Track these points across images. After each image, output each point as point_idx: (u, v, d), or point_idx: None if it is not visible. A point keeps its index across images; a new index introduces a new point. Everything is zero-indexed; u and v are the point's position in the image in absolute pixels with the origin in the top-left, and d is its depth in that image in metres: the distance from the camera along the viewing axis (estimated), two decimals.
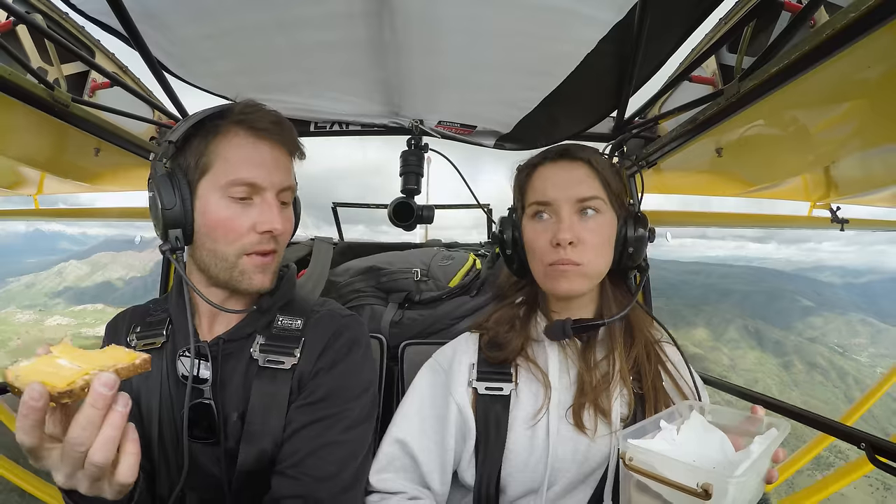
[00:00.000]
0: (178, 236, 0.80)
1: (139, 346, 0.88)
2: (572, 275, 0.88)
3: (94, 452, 0.50)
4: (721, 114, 1.12)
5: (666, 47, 1.06)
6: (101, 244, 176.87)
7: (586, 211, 0.89)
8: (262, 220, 0.81)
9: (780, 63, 0.90)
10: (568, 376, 0.91)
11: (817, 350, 70.05)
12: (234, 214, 0.80)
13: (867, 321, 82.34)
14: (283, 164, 0.86)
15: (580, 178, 0.91)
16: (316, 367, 0.86)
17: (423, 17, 0.99)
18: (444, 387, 0.93)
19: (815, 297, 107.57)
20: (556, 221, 0.89)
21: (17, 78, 0.98)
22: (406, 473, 0.89)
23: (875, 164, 1.29)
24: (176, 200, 0.79)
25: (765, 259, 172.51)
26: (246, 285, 0.83)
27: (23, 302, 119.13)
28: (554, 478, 0.85)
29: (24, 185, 1.89)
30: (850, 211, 1.94)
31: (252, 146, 0.82)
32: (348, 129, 1.64)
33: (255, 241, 0.82)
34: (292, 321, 0.90)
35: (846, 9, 0.75)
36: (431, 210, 1.53)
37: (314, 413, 0.83)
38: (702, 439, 0.71)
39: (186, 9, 1.00)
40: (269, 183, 0.82)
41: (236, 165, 0.80)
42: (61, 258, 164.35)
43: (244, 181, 0.80)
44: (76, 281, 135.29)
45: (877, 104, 0.93)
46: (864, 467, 1.32)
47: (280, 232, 0.83)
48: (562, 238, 0.86)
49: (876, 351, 72.87)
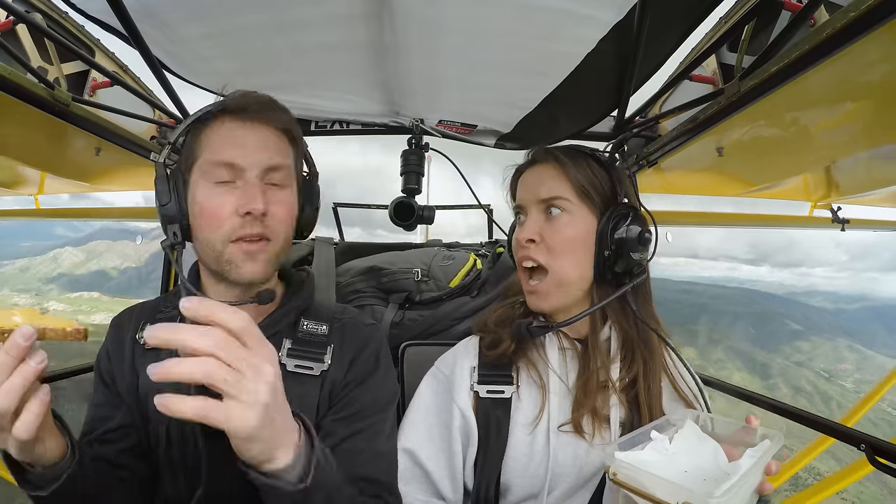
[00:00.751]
0: (176, 231, 0.80)
1: (148, 345, 0.87)
2: (540, 285, 0.90)
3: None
4: (721, 113, 1.12)
5: (666, 47, 1.06)
6: (97, 232, 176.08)
7: (550, 210, 0.90)
8: (242, 201, 0.77)
9: (780, 62, 0.90)
10: (567, 382, 0.91)
11: (803, 374, 70.18)
12: (216, 199, 0.78)
13: (854, 347, 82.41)
14: (270, 144, 0.82)
15: (544, 178, 0.92)
16: (347, 380, 0.85)
17: (423, 18, 0.99)
18: (448, 393, 0.93)
19: (804, 321, 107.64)
20: (530, 224, 0.92)
21: (17, 77, 0.99)
22: (418, 484, 0.89)
23: (876, 164, 1.29)
24: (170, 195, 0.79)
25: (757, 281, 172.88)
26: (235, 275, 0.80)
27: (16, 286, 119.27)
28: (554, 483, 0.85)
29: (25, 184, 1.90)
30: (850, 211, 1.94)
31: (237, 129, 0.80)
32: (349, 128, 1.64)
33: (238, 226, 0.78)
34: (317, 326, 0.89)
35: (846, 8, 0.75)
36: (432, 210, 1.53)
37: (352, 426, 0.82)
38: (695, 449, 0.70)
39: (187, 8, 1.00)
40: (248, 163, 0.79)
41: (217, 149, 0.79)
42: (56, 244, 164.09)
43: (222, 162, 0.78)
44: (71, 268, 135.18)
45: (878, 103, 0.92)
46: (864, 468, 1.32)
47: (262, 213, 0.78)
48: (520, 237, 0.92)
49: (861, 377, 72.99)
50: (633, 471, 0.65)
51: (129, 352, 0.87)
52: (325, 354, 0.85)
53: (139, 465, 0.82)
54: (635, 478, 0.64)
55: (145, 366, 0.84)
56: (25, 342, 0.51)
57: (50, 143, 1.32)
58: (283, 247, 0.84)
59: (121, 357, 0.87)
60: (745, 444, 0.71)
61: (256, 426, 0.49)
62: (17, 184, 1.87)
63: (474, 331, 1.03)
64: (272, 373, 0.52)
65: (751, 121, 1.12)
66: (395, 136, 1.64)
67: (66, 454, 0.63)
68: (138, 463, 0.82)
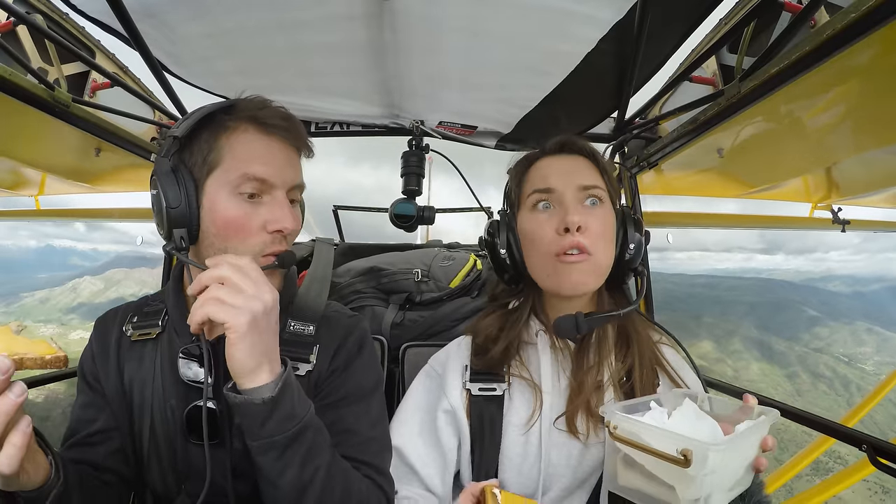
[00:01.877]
0: (183, 236, 0.76)
1: (135, 336, 0.86)
2: (583, 266, 0.84)
3: None
4: (722, 114, 1.12)
5: (666, 47, 1.06)
6: (113, 260, 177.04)
7: (590, 199, 0.87)
8: (273, 218, 0.78)
9: (780, 63, 0.90)
10: (560, 381, 0.90)
11: (822, 360, 70.00)
12: (245, 213, 0.77)
13: (873, 330, 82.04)
14: (293, 162, 0.83)
15: (580, 167, 0.90)
16: (331, 368, 0.86)
17: (423, 18, 0.99)
18: (439, 390, 0.93)
19: (821, 307, 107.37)
20: (561, 209, 0.86)
21: (17, 78, 0.99)
22: (406, 479, 0.89)
23: (876, 165, 1.29)
24: (181, 198, 0.75)
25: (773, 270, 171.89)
26: None
27: (38, 317, 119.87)
28: (548, 483, 0.84)
29: (26, 185, 1.90)
30: (851, 212, 1.94)
31: (263, 142, 0.79)
32: (349, 129, 1.64)
33: (268, 242, 0.78)
34: (304, 326, 0.89)
35: (846, 9, 0.75)
36: (432, 210, 1.53)
37: (338, 411, 0.83)
38: (692, 426, 0.70)
39: (187, 9, 1.00)
40: (280, 180, 0.79)
41: (247, 161, 0.77)
42: (74, 274, 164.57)
43: (255, 177, 0.77)
44: (90, 297, 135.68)
45: (877, 104, 0.92)
46: (865, 469, 1.31)
47: (290, 231, 0.81)
48: (570, 221, 0.82)
49: (881, 359, 72.68)
50: (632, 424, 0.65)
51: (115, 348, 0.87)
52: (311, 354, 0.86)
53: (123, 468, 0.82)
54: (635, 431, 0.65)
55: (131, 358, 0.85)
56: (3, 375, 0.51)
57: (50, 143, 1.32)
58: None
59: (105, 357, 0.86)
60: (742, 421, 0.72)
61: (246, 331, 0.63)
62: (18, 184, 1.87)
63: (465, 334, 1.01)
64: (268, 297, 0.66)
65: (751, 122, 1.12)
66: (399, 141, 1.63)
67: (51, 475, 0.62)
68: (122, 466, 0.82)
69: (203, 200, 0.77)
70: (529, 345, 0.94)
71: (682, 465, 0.59)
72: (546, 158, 0.93)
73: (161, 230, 0.79)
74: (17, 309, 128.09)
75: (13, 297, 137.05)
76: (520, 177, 0.95)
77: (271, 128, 0.80)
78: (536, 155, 0.95)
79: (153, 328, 0.87)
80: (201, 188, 0.77)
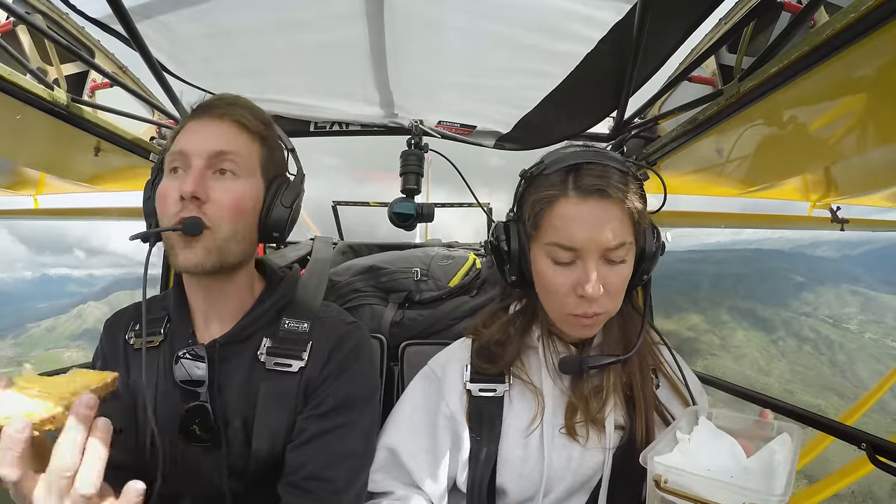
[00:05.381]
0: (153, 223, 0.83)
1: (137, 345, 0.88)
2: (594, 325, 0.83)
3: (82, 483, 0.49)
4: (721, 114, 1.12)
5: (665, 47, 1.06)
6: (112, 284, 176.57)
7: (614, 259, 0.79)
8: (182, 185, 0.77)
9: (779, 63, 0.90)
10: (561, 384, 0.90)
11: (807, 323, 70.52)
12: (165, 188, 0.80)
13: (858, 291, 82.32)
14: (221, 133, 0.81)
15: (611, 222, 0.78)
16: (322, 375, 0.85)
17: (422, 18, 0.99)
18: (438, 393, 0.93)
19: (808, 272, 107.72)
20: (581, 269, 0.78)
21: (16, 78, 0.99)
22: (399, 477, 0.89)
23: (875, 164, 1.29)
24: (149, 192, 0.85)
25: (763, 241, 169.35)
26: (173, 262, 0.79)
27: (47, 345, 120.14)
28: (549, 486, 0.85)
29: (25, 185, 1.89)
30: (850, 211, 1.94)
31: (196, 124, 0.83)
32: (348, 128, 1.64)
33: (176, 211, 0.77)
34: (299, 324, 0.89)
35: (846, 9, 0.75)
36: (431, 208, 1.53)
37: (324, 423, 0.82)
38: (712, 446, 0.69)
39: (186, 9, 1.00)
40: (194, 149, 0.78)
41: (176, 142, 0.82)
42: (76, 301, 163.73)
43: (174, 151, 0.80)
44: (96, 322, 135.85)
45: (876, 104, 0.92)
46: (865, 467, 1.32)
47: (191, 194, 0.75)
48: (589, 294, 0.76)
49: (865, 318, 72.99)
50: (685, 477, 0.60)
51: (122, 350, 0.89)
52: (304, 351, 0.86)
53: (136, 468, 0.82)
54: (687, 485, 0.60)
55: (136, 365, 0.87)
56: (91, 411, 0.51)
57: (49, 143, 1.32)
58: (227, 237, 0.79)
59: (116, 358, 0.88)
60: (760, 438, 0.71)
61: None
62: (17, 184, 1.87)
63: (465, 335, 1.01)
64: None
65: (750, 122, 1.12)
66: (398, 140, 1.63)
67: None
68: (135, 466, 0.82)
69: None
70: (530, 348, 0.94)
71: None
72: (573, 202, 0.78)
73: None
74: (26, 339, 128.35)
75: (20, 329, 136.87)
76: (539, 211, 0.81)
77: (204, 110, 0.84)
78: (561, 191, 0.79)
79: (155, 336, 0.88)
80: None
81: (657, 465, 0.63)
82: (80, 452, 0.50)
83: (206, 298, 0.87)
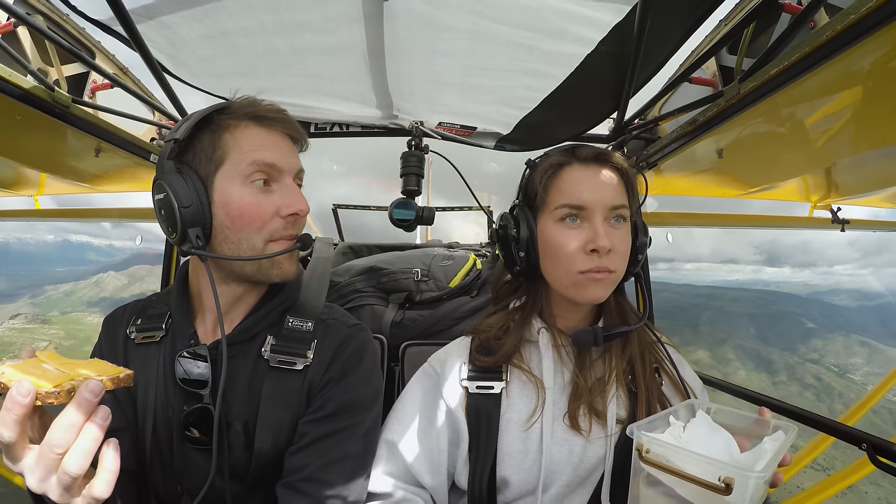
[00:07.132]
0: (199, 234, 0.77)
1: (138, 339, 0.87)
2: (605, 283, 0.87)
3: (69, 461, 0.50)
4: (721, 115, 1.12)
5: (666, 48, 1.06)
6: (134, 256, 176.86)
7: (616, 218, 0.88)
8: (286, 202, 0.81)
9: (780, 64, 0.90)
10: (562, 377, 0.91)
11: (811, 370, 71.08)
12: (258, 200, 0.80)
13: (866, 342, 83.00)
14: (294, 150, 0.87)
15: (612, 183, 0.88)
16: (325, 378, 0.85)
17: (422, 20, 0.99)
18: (436, 389, 0.93)
19: (821, 319, 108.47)
20: (590, 227, 0.86)
21: (17, 79, 0.99)
22: (397, 473, 0.90)
23: (875, 165, 1.29)
24: (192, 197, 0.76)
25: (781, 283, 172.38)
26: (276, 273, 0.83)
27: (64, 308, 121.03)
28: (549, 480, 0.85)
29: (25, 185, 1.90)
30: (850, 212, 1.94)
31: (266, 133, 0.83)
32: (348, 130, 1.64)
33: (281, 227, 0.81)
34: (303, 322, 0.89)
35: (846, 11, 0.75)
36: (432, 210, 1.53)
37: (325, 427, 0.82)
38: (707, 439, 0.70)
39: (187, 10, 1.00)
40: (287, 165, 0.83)
41: (254, 151, 0.80)
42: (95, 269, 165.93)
43: (265, 162, 0.80)
44: (114, 292, 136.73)
45: (877, 105, 0.93)
46: (866, 468, 1.32)
47: (304, 214, 0.84)
48: (601, 246, 0.83)
49: (870, 370, 73.76)
50: (666, 448, 0.63)
51: (122, 348, 0.88)
52: (309, 350, 0.86)
53: (135, 468, 0.83)
54: (668, 456, 0.63)
55: (135, 360, 0.86)
56: (95, 398, 0.51)
57: (50, 144, 1.32)
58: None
59: (114, 356, 0.87)
60: (758, 435, 0.72)
61: None
62: (18, 184, 1.87)
63: (466, 334, 1.02)
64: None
65: (750, 122, 1.12)
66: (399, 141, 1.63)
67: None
68: (134, 466, 0.83)
69: (214, 196, 0.79)
70: (530, 343, 0.95)
71: (722, 492, 0.58)
72: (577, 167, 0.89)
73: (172, 233, 0.79)
74: (44, 300, 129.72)
75: (38, 290, 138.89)
76: (546, 181, 0.90)
77: (270, 121, 0.83)
78: (567, 159, 0.91)
79: (157, 331, 0.88)
80: (210, 185, 0.79)
81: (641, 435, 0.65)
82: (75, 433, 0.50)
83: (227, 301, 0.87)
